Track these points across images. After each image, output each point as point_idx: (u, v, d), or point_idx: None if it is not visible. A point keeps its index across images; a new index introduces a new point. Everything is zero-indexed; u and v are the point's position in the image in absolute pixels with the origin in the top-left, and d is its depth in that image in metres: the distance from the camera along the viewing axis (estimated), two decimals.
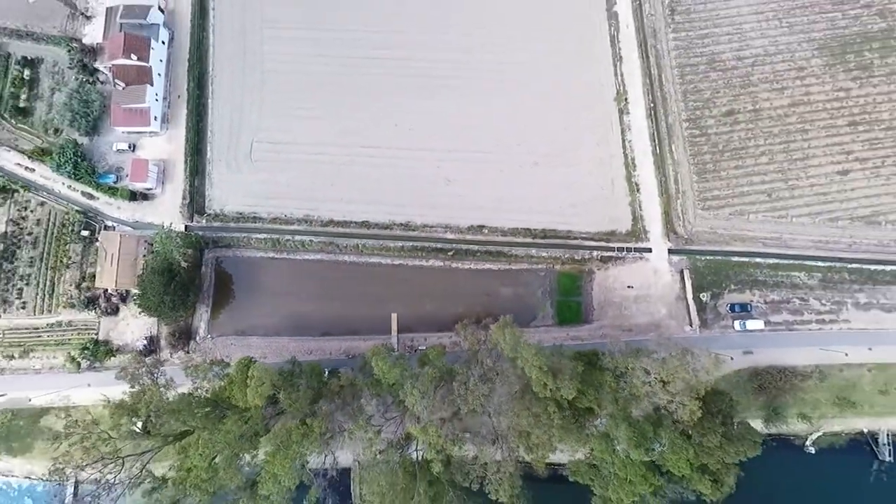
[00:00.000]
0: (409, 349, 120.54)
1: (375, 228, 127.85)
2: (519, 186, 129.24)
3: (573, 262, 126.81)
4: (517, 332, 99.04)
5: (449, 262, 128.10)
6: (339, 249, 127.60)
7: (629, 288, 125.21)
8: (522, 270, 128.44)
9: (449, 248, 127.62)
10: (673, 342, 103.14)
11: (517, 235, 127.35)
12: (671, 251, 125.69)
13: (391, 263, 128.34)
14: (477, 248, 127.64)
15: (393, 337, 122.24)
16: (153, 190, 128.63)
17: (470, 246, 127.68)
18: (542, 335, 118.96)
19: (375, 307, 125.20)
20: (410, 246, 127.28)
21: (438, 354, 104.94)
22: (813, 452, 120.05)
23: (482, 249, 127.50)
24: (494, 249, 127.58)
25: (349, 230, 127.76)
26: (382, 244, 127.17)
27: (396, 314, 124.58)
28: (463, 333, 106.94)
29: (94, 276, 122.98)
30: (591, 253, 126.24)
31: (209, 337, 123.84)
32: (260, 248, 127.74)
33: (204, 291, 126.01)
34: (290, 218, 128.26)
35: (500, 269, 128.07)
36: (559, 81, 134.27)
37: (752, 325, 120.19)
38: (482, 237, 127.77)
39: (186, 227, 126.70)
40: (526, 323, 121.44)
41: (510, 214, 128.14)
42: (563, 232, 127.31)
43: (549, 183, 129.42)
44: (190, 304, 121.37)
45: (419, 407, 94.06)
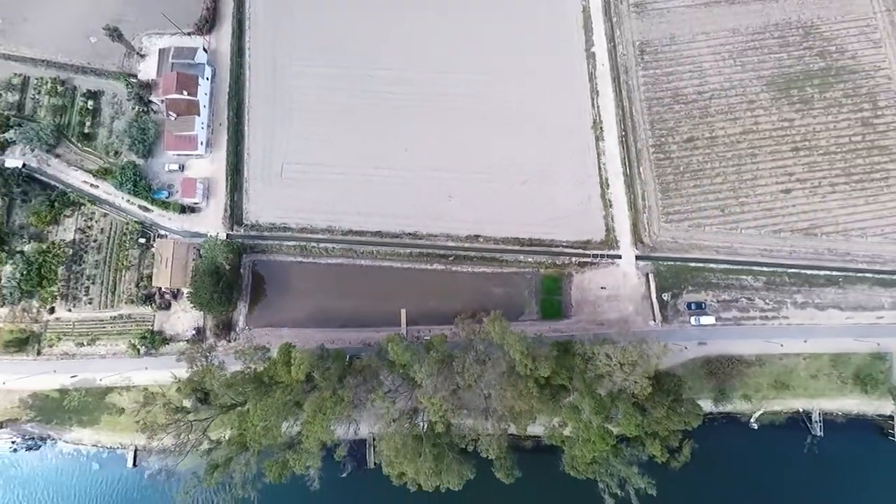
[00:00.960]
0: (416, 339, 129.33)
1: (387, 237, 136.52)
2: (509, 202, 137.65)
3: (555, 266, 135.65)
4: (505, 324, 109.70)
5: (449, 265, 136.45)
6: (356, 255, 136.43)
7: (602, 289, 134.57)
8: (512, 273, 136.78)
9: (449, 254, 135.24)
10: (632, 334, 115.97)
11: (508, 244, 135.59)
12: (638, 257, 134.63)
13: (401, 267, 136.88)
14: (473, 254, 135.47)
15: (402, 329, 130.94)
16: (199, 204, 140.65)
17: (467, 252, 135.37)
18: (527, 328, 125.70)
19: (387, 303, 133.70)
20: (417, 252, 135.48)
21: (441, 342, 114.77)
22: (756, 428, 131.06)
23: (478, 255, 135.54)
24: (488, 255, 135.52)
25: (365, 238, 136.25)
26: (393, 250, 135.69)
27: (405, 309, 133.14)
28: (461, 325, 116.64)
29: (150, 276, 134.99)
30: (570, 259, 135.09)
31: (247, 328, 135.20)
32: (289, 253, 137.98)
33: (242, 290, 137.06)
34: (315, 228, 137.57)
35: (492, 272, 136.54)
36: (545, 112, 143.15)
37: (705, 320, 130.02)
38: (478, 245, 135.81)
39: (228, 235, 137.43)
40: (514, 318, 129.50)
41: (502, 226, 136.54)
42: (546, 241, 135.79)
43: (535, 199, 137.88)
44: (233, 300, 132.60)
45: (426, 383, 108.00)
